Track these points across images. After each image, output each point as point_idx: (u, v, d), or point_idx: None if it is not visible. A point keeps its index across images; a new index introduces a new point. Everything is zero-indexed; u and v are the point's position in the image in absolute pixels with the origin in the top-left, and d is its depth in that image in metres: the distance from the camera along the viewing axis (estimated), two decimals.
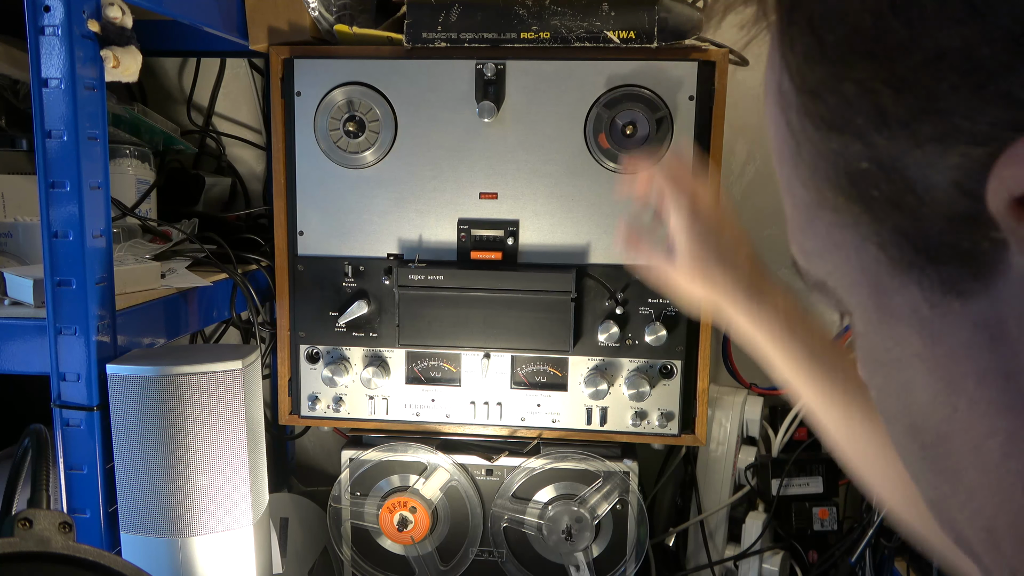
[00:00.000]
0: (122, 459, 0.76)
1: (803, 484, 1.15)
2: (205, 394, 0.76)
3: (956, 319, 0.23)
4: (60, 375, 0.74)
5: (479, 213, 0.99)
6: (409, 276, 0.97)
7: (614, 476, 1.03)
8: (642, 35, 0.92)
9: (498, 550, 1.06)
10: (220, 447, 0.77)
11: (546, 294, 0.96)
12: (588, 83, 0.95)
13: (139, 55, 0.76)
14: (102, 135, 0.74)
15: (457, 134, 0.97)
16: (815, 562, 1.17)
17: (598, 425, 1.01)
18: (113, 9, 0.73)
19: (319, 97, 0.98)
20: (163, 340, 0.87)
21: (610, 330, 0.97)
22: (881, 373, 0.27)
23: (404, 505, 1.03)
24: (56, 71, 0.70)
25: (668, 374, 1.00)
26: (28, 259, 0.87)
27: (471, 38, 0.94)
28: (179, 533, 0.76)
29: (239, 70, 1.32)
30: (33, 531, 0.54)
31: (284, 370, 1.06)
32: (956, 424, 0.24)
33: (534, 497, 1.04)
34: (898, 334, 0.25)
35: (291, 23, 0.99)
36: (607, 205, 0.97)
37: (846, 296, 0.27)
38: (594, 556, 1.04)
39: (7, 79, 0.98)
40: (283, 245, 1.02)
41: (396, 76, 0.97)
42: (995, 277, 0.22)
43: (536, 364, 1.02)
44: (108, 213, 0.76)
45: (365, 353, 1.03)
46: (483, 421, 1.03)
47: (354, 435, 1.11)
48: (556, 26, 0.93)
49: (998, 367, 0.22)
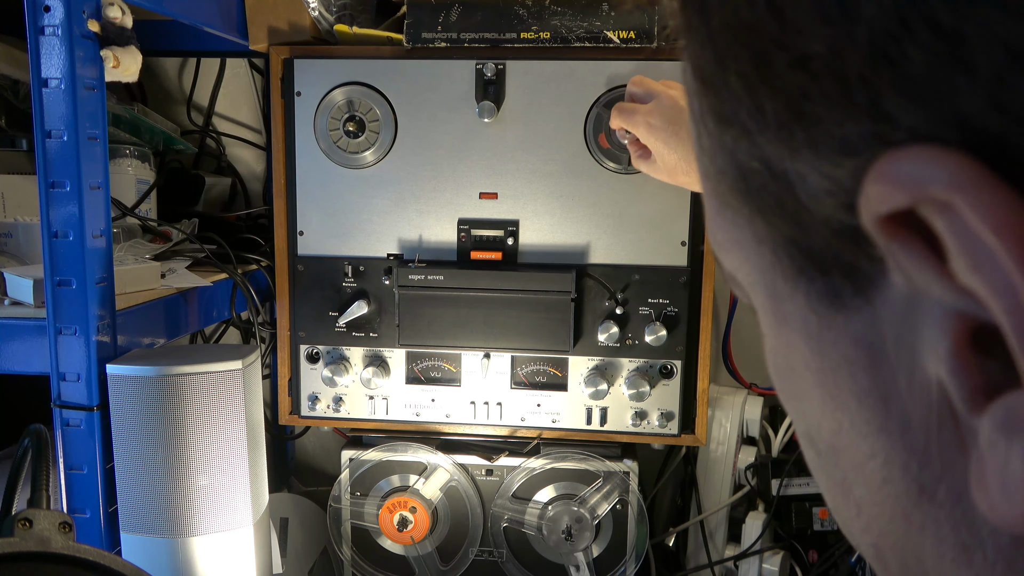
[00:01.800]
0: (122, 459, 0.76)
1: (803, 484, 1.15)
2: (205, 394, 0.76)
3: (838, 334, 0.22)
4: (60, 375, 0.74)
5: (479, 213, 0.99)
6: (409, 276, 0.97)
7: (614, 476, 1.03)
8: (642, 35, 0.92)
9: (498, 550, 1.06)
10: (220, 447, 0.77)
11: (546, 294, 0.96)
12: (588, 83, 0.95)
13: (139, 55, 0.76)
14: (102, 135, 0.74)
15: (457, 134, 0.97)
16: (815, 562, 1.17)
17: (598, 425, 1.01)
18: (113, 9, 0.73)
19: (319, 97, 0.98)
20: (163, 340, 0.87)
21: (610, 330, 0.97)
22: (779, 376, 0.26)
23: (404, 505, 1.03)
24: (56, 71, 0.70)
25: (668, 374, 1.00)
26: (28, 259, 0.87)
27: (471, 38, 0.94)
28: (179, 533, 0.76)
29: (239, 70, 1.32)
30: (33, 531, 0.54)
31: (284, 370, 1.06)
32: (842, 439, 0.23)
33: (534, 497, 1.04)
34: (791, 341, 0.24)
35: (291, 23, 0.99)
36: (607, 205, 0.97)
37: (750, 294, 0.26)
38: (594, 556, 1.04)
39: (7, 79, 0.98)
40: (283, 245, 1.02)
41: (396, 76, 0.97)
42: (875, 294, 0.20)
43: (536, 364, 1.02)
44: (108, 213, 0.76)
45: (365, 353, 1.03)
46: (483, 421, 1.03)
47: (354, 435, 1.11)
48: (556, 26, 0.93)
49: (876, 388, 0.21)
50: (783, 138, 0.20)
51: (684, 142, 0.79)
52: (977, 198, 0.17)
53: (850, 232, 0.20)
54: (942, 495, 0.20)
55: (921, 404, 0.20)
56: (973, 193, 0.17)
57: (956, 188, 0.17)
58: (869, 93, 0.18)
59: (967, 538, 0.20)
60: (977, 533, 0.19)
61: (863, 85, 0.18)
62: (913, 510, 0.21)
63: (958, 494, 0.20)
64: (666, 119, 0.80)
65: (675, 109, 0.80)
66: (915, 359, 0.19)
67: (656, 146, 0.82)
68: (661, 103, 0.81)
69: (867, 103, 0.18)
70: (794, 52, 0.19)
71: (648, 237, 0.97)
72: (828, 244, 0.21)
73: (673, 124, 0.79)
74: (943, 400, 0.19)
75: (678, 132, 0.79)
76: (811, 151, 0.20)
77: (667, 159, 0.82)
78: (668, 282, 0.97)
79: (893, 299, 0.20)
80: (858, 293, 0.21)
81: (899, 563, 0.23)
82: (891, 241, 0.18)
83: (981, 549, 0.19)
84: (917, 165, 0.17)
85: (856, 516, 0.24)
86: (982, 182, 0.17)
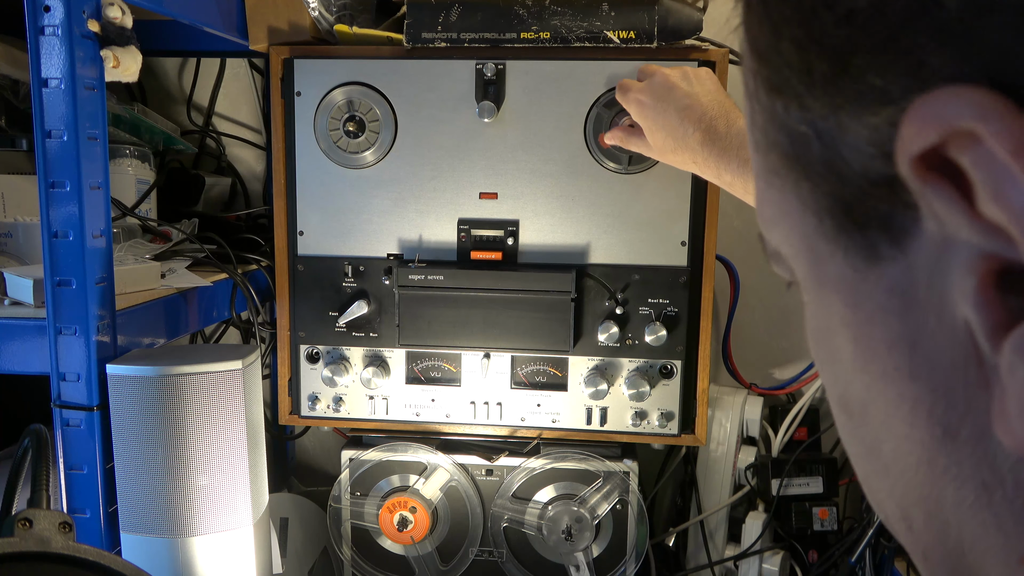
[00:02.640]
0: (122, 459, 0.76)
1: (803, 484, 1.15)
2: (205, 394, 0.76)
3: (874, 285, 0.23)
4: (60, 375, 0.74)
5: (479, 213, 0.99)
6: (409, 276, 0.97)
7: (614, 476, 1.03)
8: (642, 35, 0.92)
9: (498, 550, 1.06)
10: (220, 447, 0.77)
11: (546, 294, 0.96)
12: (588, 83, 0.95)
13: (139, 55, 0.76)
14: (102, 135, 0.74)
15: (457, 134, 0.97)
16: (815, 562, 1.17)
17: (598, 425, 1.01)
18: (113, 9, 0.73)
19: (319, 97, 0.98)
20: (163, 340, 0.87)
21: (610, 330, 0.97)
22: (817, 342, 0.28)
23: (404, 505, 1.03)
24: (56, 71, 0.70)
25: (668, 374, 1.00)
26: (28, 259, 0.87)
27: (471, 38, 0.94)
28: (179, 533, 0.76)
29: (239, 70, 1.32)
30: (33, 531, 0.54)
31: (284, 370, 1.06)
32: (873, 392, 0.25)
33: (534, 497, 1.04)
34: (829, 302, 0.26)
35: (291, 23, 0.99)
36: (607, 205, 0.97)
37: (794, 264, 0.28)
38: (594, 556, 1.04)
39: (7, 79, 0.98)
40: (283, 245, 1.02)
41: (396, 76, 0.97)
42: (909, 243, 0.22)
43: (536, 364, 1.02)
44: (108, 213, 0.76)
45: (365, 353, 1.03)
46: (483, 421, 1.03)
47: (354, 435, 1.11)
48: (556, 26, 0.93)
49: (906, 334, 0.23)
50: (829, 94, 0.22)
51: (671, 119, 0.81)
52: (1000, 127, 0.18)
53: (887, 182, 0.22)
54: (965, 434, 0.21)
55: (948, 345, 0.21)
56: (996, 123, 0.18)
57: (980, 119, 0.18)
58: (907, 42, 0.20)
59: (988, 477, 0.21)
60: (998, 471, 0.21)
61: (902, 34, 0.20)
62: (937, 453, 0.22)
63: (980, 432, 0.21)
64: (656, 97, 0.82)
65: (666, 87, 0.82)
66: (944, 301, 0.21)
67: (645, 123, 0.84)
68: (653, 82, 0.84)
69: (905, 51, 0.20)
70: (840, 9, 0.21)
71: (648, 237, 0.97)
72: (867, 197, 0.22)
73: (662, 102, 0.82)
74: (968, 339, 0.21)
75: (666, 110, 0.81)
76: (854, 105, 0.22)
77: (655, 136, 0.84)
78: (668, 282, 0.97)
79: (925, 246, 0.21)
80: (893, 244, 0.22)
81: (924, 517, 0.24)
82: (924, 185, 0.20)
83: (1001, 487, 0.21)
84: (946, 103, 0.19)
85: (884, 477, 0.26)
86: (1005, 113, 0.18)
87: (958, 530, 0.23)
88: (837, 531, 1.16)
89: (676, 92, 0.81)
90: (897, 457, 0.24)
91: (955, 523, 0.23)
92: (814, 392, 1.23)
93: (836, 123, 0.22)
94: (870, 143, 0.22)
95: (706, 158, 0.79)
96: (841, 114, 0.22)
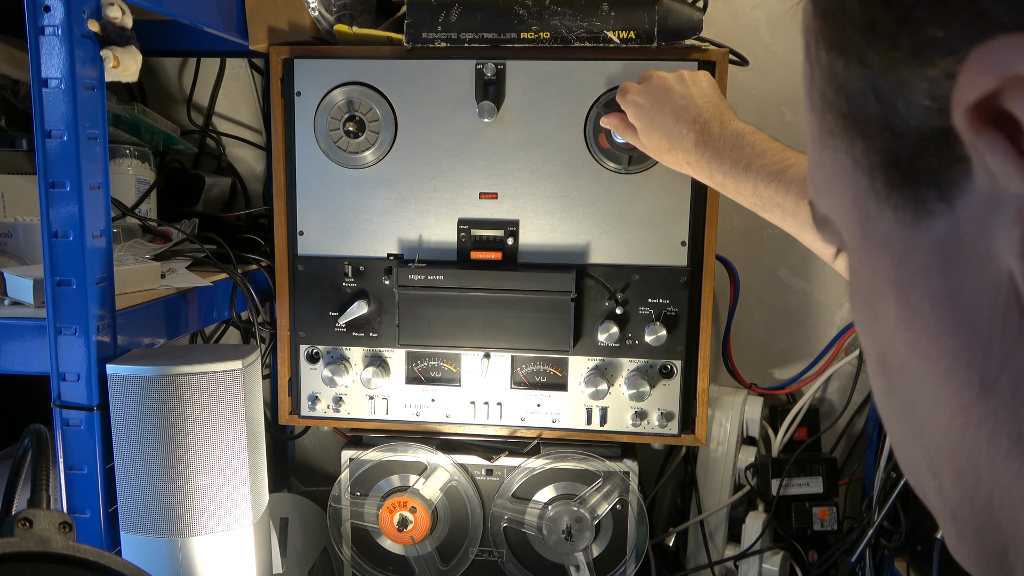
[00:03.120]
0: (122, 459, 0.76)
1: (803, 484, 1.15)
2: (205, 394, 0.76)
3: (920, 240, 0.24)
4: (60, 375, 0.74)
5: (479, 213, 0.99)
6: (409, 276, 0.97)
7: (614, 476, 1.03)
8: (642, 35, 0.92)
9: (498, 550, 1.06)
10: (220, 447, 0.77)
11: (546, 294, 0.96)
12: (588, 83, 0.95)
13: (139, 55, 0.76)
14: (102, 135, 0.74)
15: (457, 134, 0.97)
16: (815, 562, 1.17)
17: (598, 425, 1.01)
18: (113, 9, 0.73)
19: (319, 97, 0.98)
20: (163, 340, 0.87)
21: (610, 330, 0.97)
22: (860, 302, 0.28)
23: (404, 505, 1.03)
24: (56, 71, 0.70)
25: (668, 374, 1.00)
26: (28, 259, 0.87)
27: (471, 38, 0.94)
28: (179, 533, 0.76)
29: (239, 70, 1.32)
30: (33, 531, 0.54)
31: (284, 370, 1.06)
32: (914, 348, 0.25)
33: (534, 497, 1.04)
34: (875, 261, 0.26)
35: (291, 23, 0.99)
36: (607, 205, 0.97)
37: (843, 228, 0.28)
38: (594, 556, 1.04)
39: (7, 79, 0.98)
40: (283, 245, 1.02)
41: (396, 76, 0.97)
42: (957, 197, 0.22)
43: (536, 364, 1.02)
44: (108, 213, 0.76)
45: (365, 353, 1.03)
46: (483, 421, 1.03)
47: (354, 435, 1.11)
48: (556, 26, 0.93)
49: (948, 288, 0.23)
50: (890, 48, 0.23)
51: (667, 120, 0.82)
52: None
53: (941, 135, 0.22)
54: (1003, 384, 0.22)
55: (989, 297, 0.22)
56: None
57: None
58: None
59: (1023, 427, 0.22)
60: None
61: None
62: (974, 405, 0.23)
63: (1017, 383, 0.22)
64: (652, 99, 0.84)
65: (662, 90, 0.83)
66: (989, 254, 0.22)
67: (641, 124, 0.85)
68: (650, 84, 0.85)
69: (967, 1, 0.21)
70: None
71: (648, 237, 0.97)
72: (920, 153, 0.23)
73: (658, 103, 0.83)
74: (1011, 290, 0.21)
75: (662, 111, 0.82)
76: (914, 58, 0.22)
77: (651, 136, 0.85)
78: (668, 282, 0.97)
79: (974, 200, 0.22)
80: (942, 198, 0.23)
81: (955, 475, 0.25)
82: (977, 136, 0.21)
83: None
84: (1004, 51, 0.20)
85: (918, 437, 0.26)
86: None
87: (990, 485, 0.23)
88: (837, 531, 1.16)
89: (672, 94, 0.82)
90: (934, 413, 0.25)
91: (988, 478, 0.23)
92: (814, 392, 1.23)
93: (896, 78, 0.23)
94: (928, 95, 0.22)
95: (699, 159, 0.80)
96: (901, 68, 0.23)
